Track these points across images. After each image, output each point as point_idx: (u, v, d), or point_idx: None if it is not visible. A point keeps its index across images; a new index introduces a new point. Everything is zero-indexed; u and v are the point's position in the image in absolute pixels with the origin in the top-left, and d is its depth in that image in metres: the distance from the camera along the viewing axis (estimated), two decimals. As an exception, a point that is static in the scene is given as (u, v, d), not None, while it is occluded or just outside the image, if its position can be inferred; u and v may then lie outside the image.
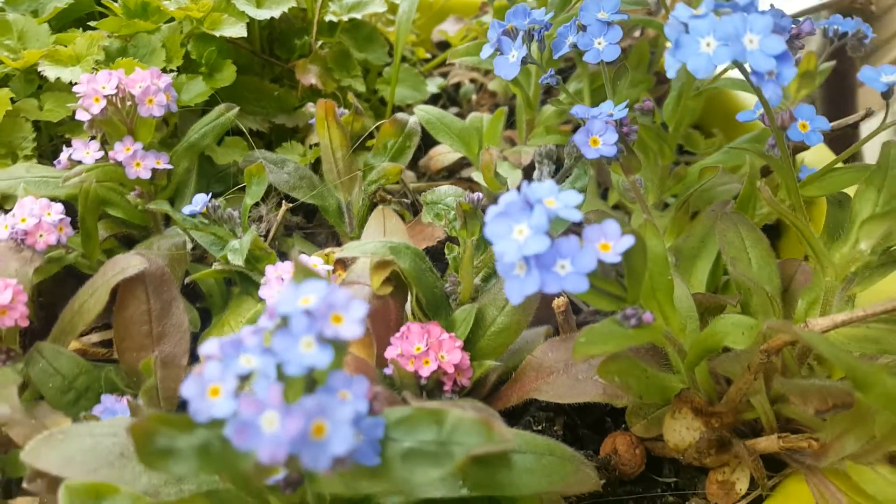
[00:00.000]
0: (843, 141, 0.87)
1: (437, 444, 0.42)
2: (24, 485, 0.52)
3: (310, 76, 0.84)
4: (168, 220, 0.74)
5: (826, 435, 0.52)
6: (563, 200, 0.45)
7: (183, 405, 0.38)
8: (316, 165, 0.82)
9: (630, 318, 0.48)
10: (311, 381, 0.42)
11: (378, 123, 0.81)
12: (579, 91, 0.84)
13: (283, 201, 0.76)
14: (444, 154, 0.88)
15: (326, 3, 0.89)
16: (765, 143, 0.73)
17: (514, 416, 0.64)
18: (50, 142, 0.76)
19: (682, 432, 0.54)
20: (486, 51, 0.61)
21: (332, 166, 0.77)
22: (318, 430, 0.36)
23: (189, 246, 0.70)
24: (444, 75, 1.07)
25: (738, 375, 0.54)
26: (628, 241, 0.45)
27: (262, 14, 0.78)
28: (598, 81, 0.85)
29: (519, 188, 0.45)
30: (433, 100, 1.02)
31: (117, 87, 0.65)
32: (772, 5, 0.58)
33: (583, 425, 0.65)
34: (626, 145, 0.60)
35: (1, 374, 0.57)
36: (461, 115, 0.88)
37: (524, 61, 0.60)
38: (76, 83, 0.67)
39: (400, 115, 0.80)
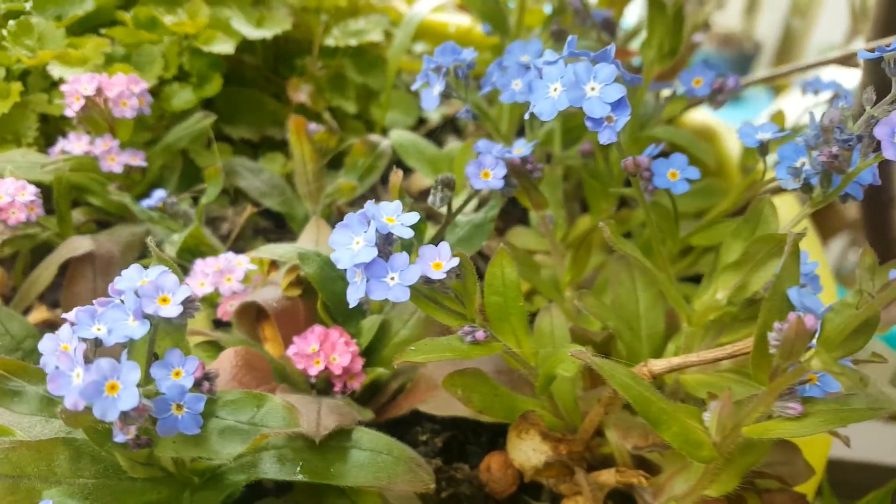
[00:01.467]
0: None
1: (250, 423, 0.48)
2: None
3: (300, 94, 0.91)
4: (145, 212, 0.81)
5: (664, 474, 0.55)
6: (402, 220, 0.50)
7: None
8: (292, 176, 0.88)
9: (467, 335, 0.52)
10: (154, 356, 0.48)
11: (349, 142, 0.87)
12: (550, 131, 0.88)
13: (250, 206, 0.83)
14: (421, 178, 0.93)
15: (330, 28, 0.96)
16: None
17: (407, 426, 0.68)
18: (57, 133, 0.84)
19: (528, 452, 0.57)
20: (417, 83, 0.66)
21: (302, 178, 0.83)
22: (111, 387, 0.42)
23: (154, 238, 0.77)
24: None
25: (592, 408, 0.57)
26: (454, 262, 0.49)
27: (257, 34, 0.86)
28: (566, 124, 0.89)
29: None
30: (437, 128, 1.07)
31: (97, 89, 0.73)
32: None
33: (474, 443, 0.68)
34: (530, 183, 0.64)
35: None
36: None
37: (445, 94, 0.65)
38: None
39: (372, 137, 0.86)
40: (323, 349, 0.63)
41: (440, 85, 0.65)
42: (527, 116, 0.57)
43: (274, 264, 0.73)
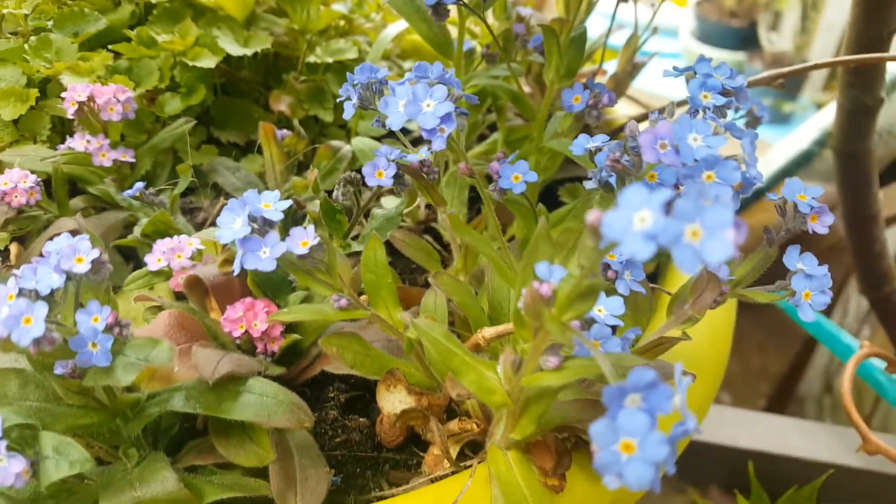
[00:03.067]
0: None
1: (144, 359, 0.60)
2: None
3: (280, 104, 1.05)
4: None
5: (492, 424, 0.66)
6: (277, 206, 0.62)
7: None
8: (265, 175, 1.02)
9: (336, 302, 0.64)
10: (81, 305, 0.62)
11: (314, 146, 1.00)
12: (495, 141, 1.00)
13: (223, 199, 0.97)
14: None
15: (314, 46, 1.09)
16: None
17: (322, 386, 0.80)
18: (69, 131, 1.00)
19: (394, 403, 0.68)
20: (342, 96, 0.79)
21: (271, 176, 0.97)
22: (27, 320, 0.55)
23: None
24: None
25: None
26: (316, 240, 0.61)
27: (241, 51, 1.00)
28: (514, 135, 1.00)
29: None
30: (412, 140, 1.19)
31: (89, 97, 0.88)
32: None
33: (376, 404, 0.80)
34: (427, 184, 0.75)
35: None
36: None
37: (361, 107, 0.77)
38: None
39: (334, 142, 0.99)
40: (246, 316, 0.75)
41: (355, 97, 0.77)
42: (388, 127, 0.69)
43: (225, 247, 0.87)
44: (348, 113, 0.78)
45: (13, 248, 0.92)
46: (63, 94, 0.89)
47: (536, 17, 1.08)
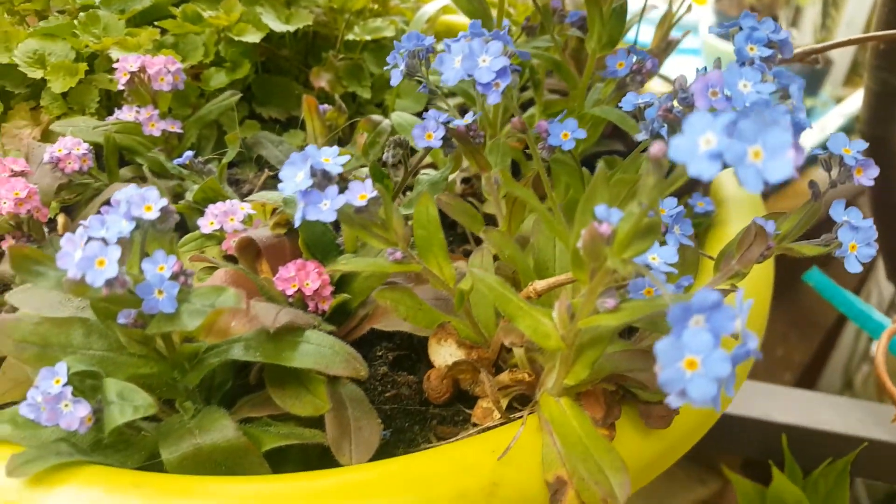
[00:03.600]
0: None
1: (210, 305, 0.62)
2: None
3: (320, 80, 1.07)
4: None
5: (543, 374, 0.67)
6: (335, 161, 0.64)
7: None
8: (306, 149, 1.04)
9: (390, 255, 0.66)
10: (145, 253, 0.64)
11: (353, 120, 1.02)
12: (532, 115, 1.02)
13: (267, 170, 0.99)
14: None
15: (352, 25, 1.12)
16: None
17: (370, 345, 0.82)
18: (116, 104, 1.02)
19: (445, 356, 0.70)
20: (389, 63, 0.81)
21: (313, 149, 0.98)
22: (100, 262, 0.57)
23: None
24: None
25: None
26: (374, 194, 0.63)
27: (283, 28, 1.02)
28: (551, 109, 1.02)
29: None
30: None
31: (140, 67, 0.90)
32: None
33: (423, 363, 0.82)
34: (472, 147, 0.77)
35: (13, 248, 0.83)
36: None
37: (407, 74, 0.79)
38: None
39: (374, 116, 1.01)
40: (298, 275, 0.77)
41: (402, 65, 0.79)
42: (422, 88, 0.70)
43: (273, 212, 0.89)
44: (395, 79, 0.80)
45: (60, 218, 0.95)
46: (115, 65, 0.91)
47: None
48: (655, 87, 1.21)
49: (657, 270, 0.60)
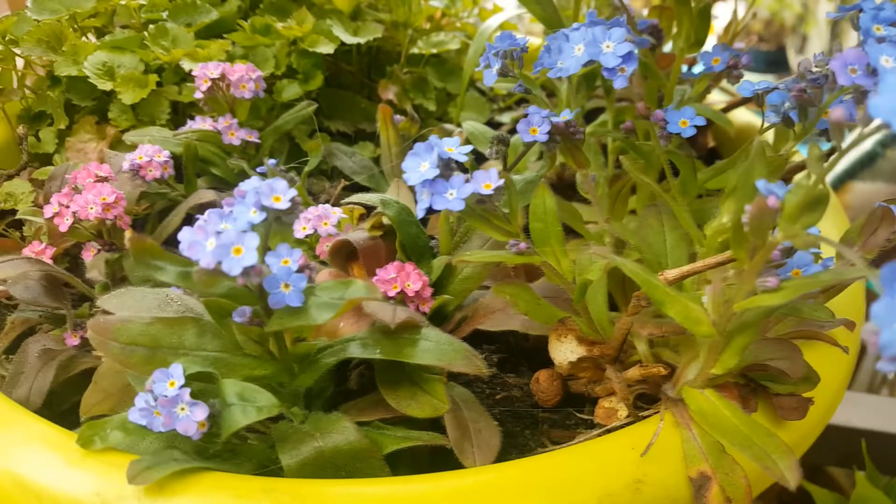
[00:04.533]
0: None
1: (339, 298, 0.60)
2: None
3: (388, 93, 1.06)
4: (254, 183, 0.96)
5: (679, 367, 0.65)
6: (459, 150, 0.63)
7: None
8: (378, 159, 1.03)
9: (513, 247, 0.64)
10: (266, 248, 0.62)
11: (426, 130, 1.01)
12: (604, 122, 1.01)
13: (343, 180, 0.97)
14: (491, 162, 1.07)
15: (415, 40, 1.11)
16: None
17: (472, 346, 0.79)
18: (184, 118, 1.01)
19: (566, 353, 0.68)
20: (481, 65, 0.80)
21: (387, 158, 0.97)
22: (237, 250, 0.55)
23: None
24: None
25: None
26: (500, 182, 0.62)
27: (353, 40, 1.02)
28: (623, 116, 1.01)
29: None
30: (511, 131, 1.21)
31: (221, 74, 0.89)
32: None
33: (526, 366, 0.80)
34: (572, 143, 0.76)
35: (98, 256, 0.81)
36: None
37: (501, 73, 0.78)
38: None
39: (446, 126, 1.00)
40: (399, 277, 0.75)
41: (498, 64, 0.78)
42: (556, 75, 0.69)
43: (361, 217, 0.87)
44: (489, 80, 0.79)
45: (128, 233, 0.92)
46: (194, 73, 0.90)
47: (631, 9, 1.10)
48: (713, 97, 1.21)
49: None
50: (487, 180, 0.62)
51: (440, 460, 0.65)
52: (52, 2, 1.02)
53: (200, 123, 0.93)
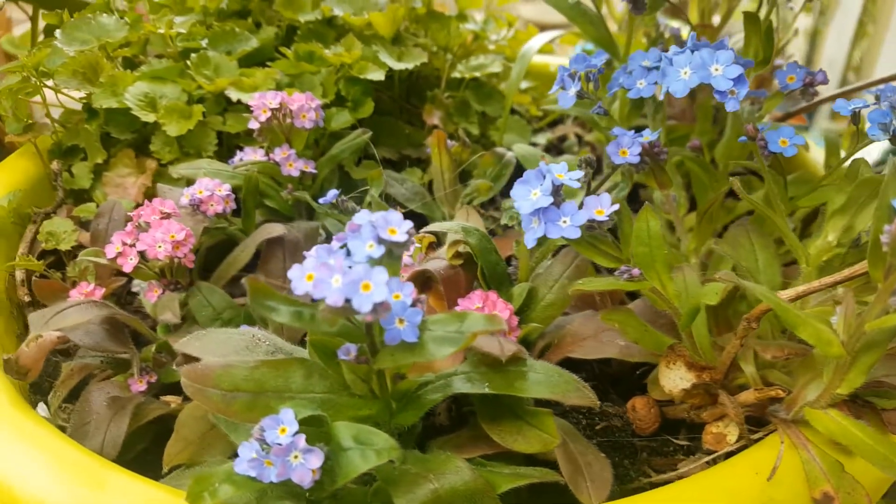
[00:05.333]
0: None
1: (457, 332, 0.58)
2: (174, 366, 0.71)
3: (433, 118, 1.04)
4: (310, 214, 0.94)
5: (795, 389, 0.64)
6: (569, 176, 0.61)
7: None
8: (430, 187, 1.01)
9: (623, 274, 0.63)
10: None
11: (479, 154, 0.99)
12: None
13: (399, 208, 0.95)
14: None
15: (455, 64, 1.10)
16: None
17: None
18: (228, 149, 0.98)
19: (675, 380, 0.66)
20: (554, 87, 0.79)
21: (440, 185, 0.96)
22: (365, 286, 0.53)
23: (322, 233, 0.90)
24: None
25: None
26: (614, 207, 0.60)
27: (399, 66, 1.00)
28: (673, 133, 1.01)
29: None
30: (546, 150, 1.20)
31: (280, 104, 0.86)
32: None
33: (613, 392, 0.78)
34: (658, 163, 0.75)
35: (168, 297, 0.77)
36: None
37: (579, 95, 0.77)
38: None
39: (498, 149, 0.99)
40: (486, 306, 0.73)
41: (575, 87, 0.77)
42: (661, 96, 0.69)
43: (430, 247, 0.85)
44: (567, 102, 0.78)
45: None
46: (251, 103, 0.87)
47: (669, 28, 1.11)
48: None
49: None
50: (599, 206, 0.61)
51: (540, 495, 0.64)
52: (81, 32, 0.99)
53: (252, 155, 0.91)
